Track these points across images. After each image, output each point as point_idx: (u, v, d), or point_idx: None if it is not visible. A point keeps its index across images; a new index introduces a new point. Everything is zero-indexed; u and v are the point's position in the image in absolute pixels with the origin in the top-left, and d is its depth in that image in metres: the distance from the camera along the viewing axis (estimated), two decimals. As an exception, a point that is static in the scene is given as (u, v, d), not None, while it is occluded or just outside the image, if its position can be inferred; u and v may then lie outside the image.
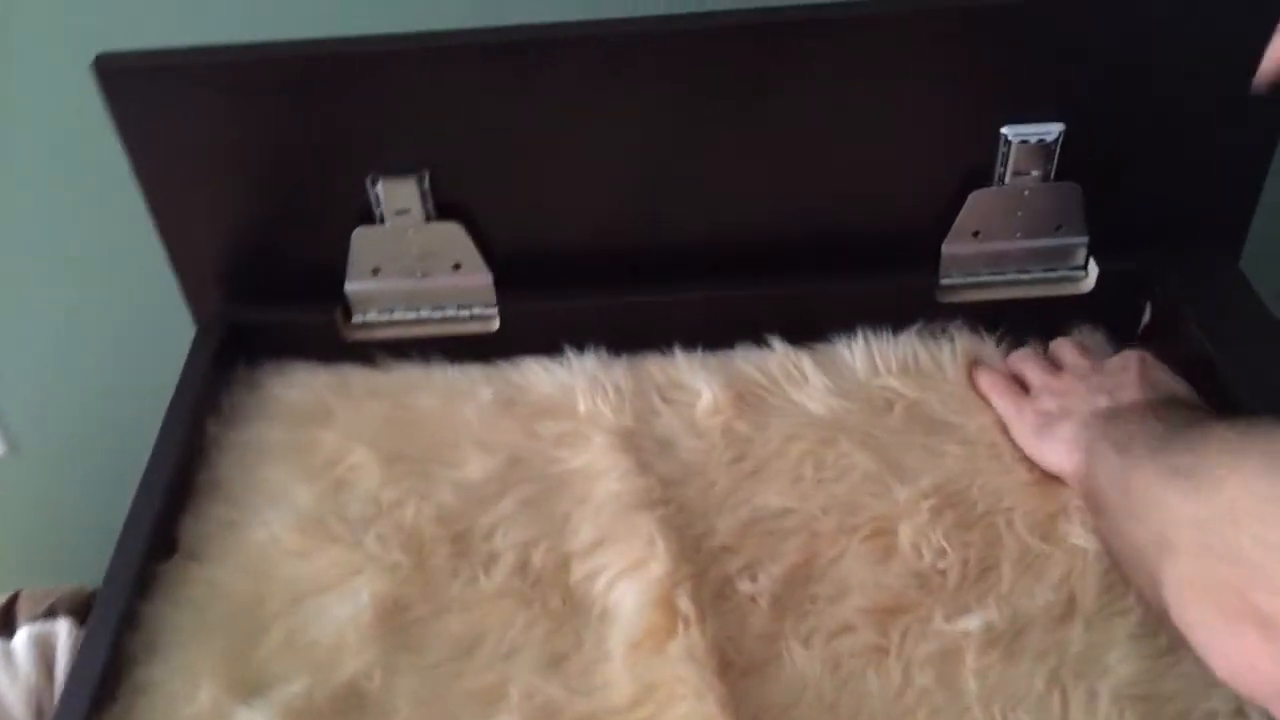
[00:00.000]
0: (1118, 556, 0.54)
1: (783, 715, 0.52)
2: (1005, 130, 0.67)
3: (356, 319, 0.72)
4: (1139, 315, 0.71)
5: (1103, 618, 0.55)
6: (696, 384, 0.68)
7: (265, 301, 0.72)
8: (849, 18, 0.63)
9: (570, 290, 0.71)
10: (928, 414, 0.66)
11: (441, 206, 0.69)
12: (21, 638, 0.76)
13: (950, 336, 0.71)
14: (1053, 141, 0.67)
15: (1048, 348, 0.69)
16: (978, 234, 0.70)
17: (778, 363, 0.70)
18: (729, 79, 0.65)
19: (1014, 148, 0.67)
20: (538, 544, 0.60)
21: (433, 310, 0.72)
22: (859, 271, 0.71)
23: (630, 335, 0.72)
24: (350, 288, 0.72)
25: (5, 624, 0.80)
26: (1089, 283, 0.71)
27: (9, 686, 0.73)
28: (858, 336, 0.71)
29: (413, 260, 0.71)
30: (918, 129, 0.68)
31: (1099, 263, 0.70)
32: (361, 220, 0.70)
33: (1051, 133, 0.67)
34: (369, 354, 0.72)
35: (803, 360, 0.69)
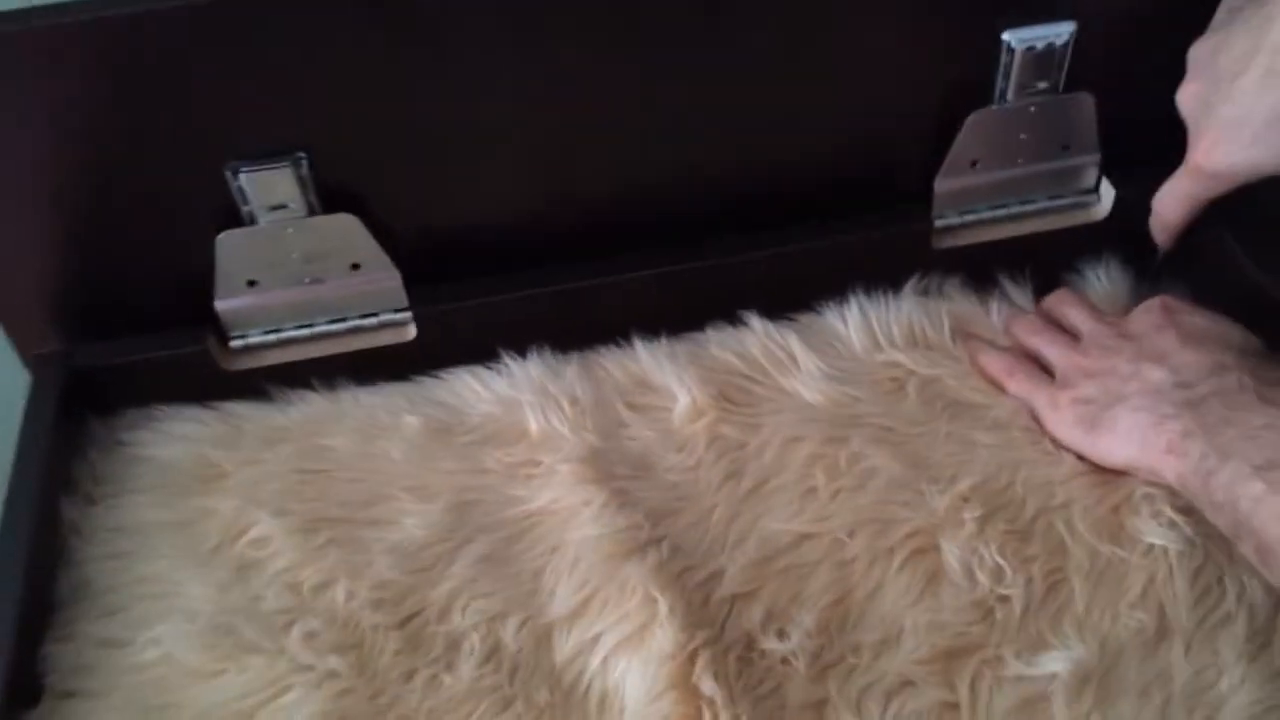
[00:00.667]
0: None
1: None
2: (1007, 36, 0.55)
3: (235, 343, 0.58)
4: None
5: (1204, 633, 0.46)
6: (667, 382, 0.57)
7: (115, 333, 0.57)
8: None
9: (498, 281, 0.58)
10: (946, 394, 0.56)
11: (328, 196, 0.55)
12: None
13: (948, 295, 0.60)
14: (1063, 45, 0.56)
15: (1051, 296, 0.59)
16: (976, 164, 0.59)
17: (759, 345, 0.58)
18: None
19: (1018, 56, 0.56)
20: (507, 617, 0.49)
21: (331, 323, 0.59)
22: (841, 222, 0.60)
23: (578, 328, 0.59)
24: (222, 306, 0.57)
25: None
26: (1103, 208, 0.61)
27: None
28: (850, 303, 0.60)
29: (298, 265, 0.57)
30: (901, 43, 0.56)
31: (1113, 184, 0.60)
32: (226, 222, 0.55)
33: (1062, 34, 0.55)
34: (258, 387, 0.58)
35: (789, 338, 0.58)
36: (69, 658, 0.47)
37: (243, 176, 0.53)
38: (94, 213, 0.55)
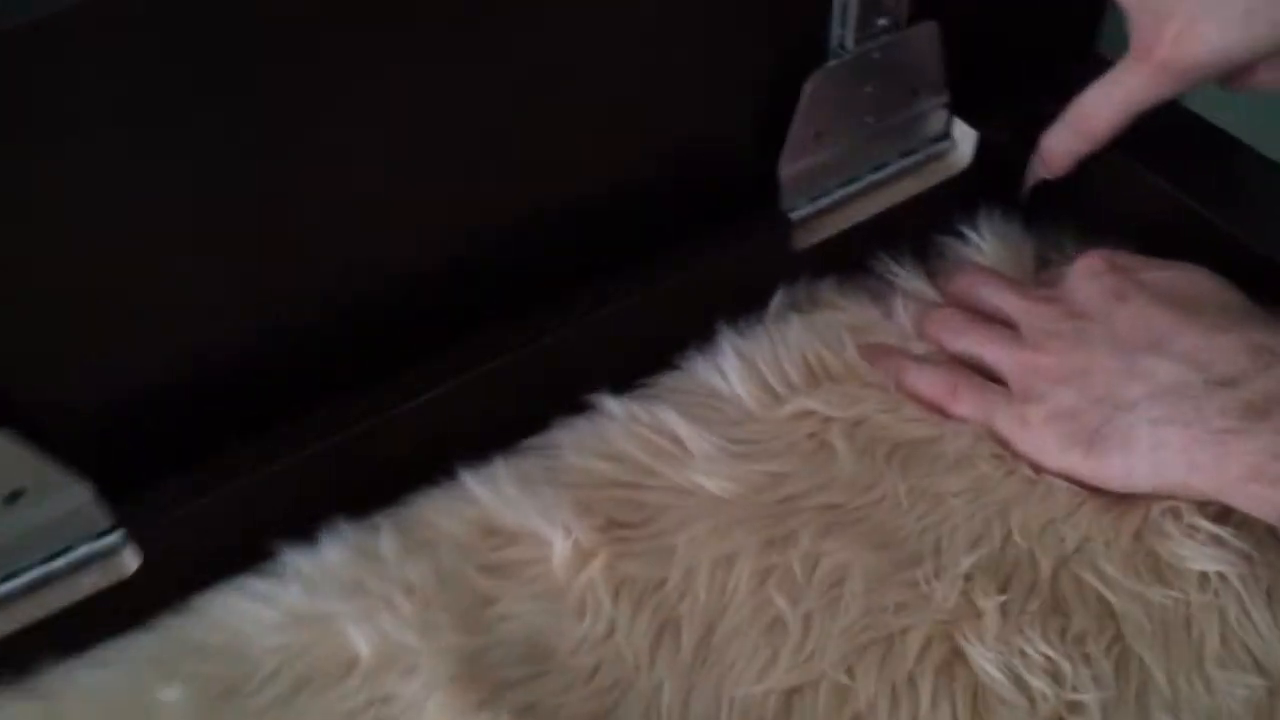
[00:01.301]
0: None
1: None
2: (843, -28, 0.43)
3: None
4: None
5: (1314, 677, 0.37)
6: (528, 521, 0.40)
7: None
8: None
9: (243, 451, 0.40)
10: (883, 436, 0.43)
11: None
12: None
13: (831, 304, 0.48)
14: (906, -29, 0.44)
15: (950, 282, 0.48)
16: (820, 135, 0.47)
17: (627, 435, 0.43)
18: None
19: (859, -6, 0.43)
20: None
21: (8, 578, 0.38)
22: (678, 252, 0.45)
23: (376, 478, 0.42)
24: None
25: None
26: (964, 153, 0.50)
27: None
28: (718, 346, 0.46)
29: (-85, 512, 0.35)
30: (713, 7, 0.42)
31: (973, 125, 0.50)
32: None
33: (903, -42, 0.44)
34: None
35: (661, 415, 0.43)
36: None
37: None
38: None
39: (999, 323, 0.45)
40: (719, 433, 0.43)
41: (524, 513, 0.41)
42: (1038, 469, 0.41)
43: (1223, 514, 0.40)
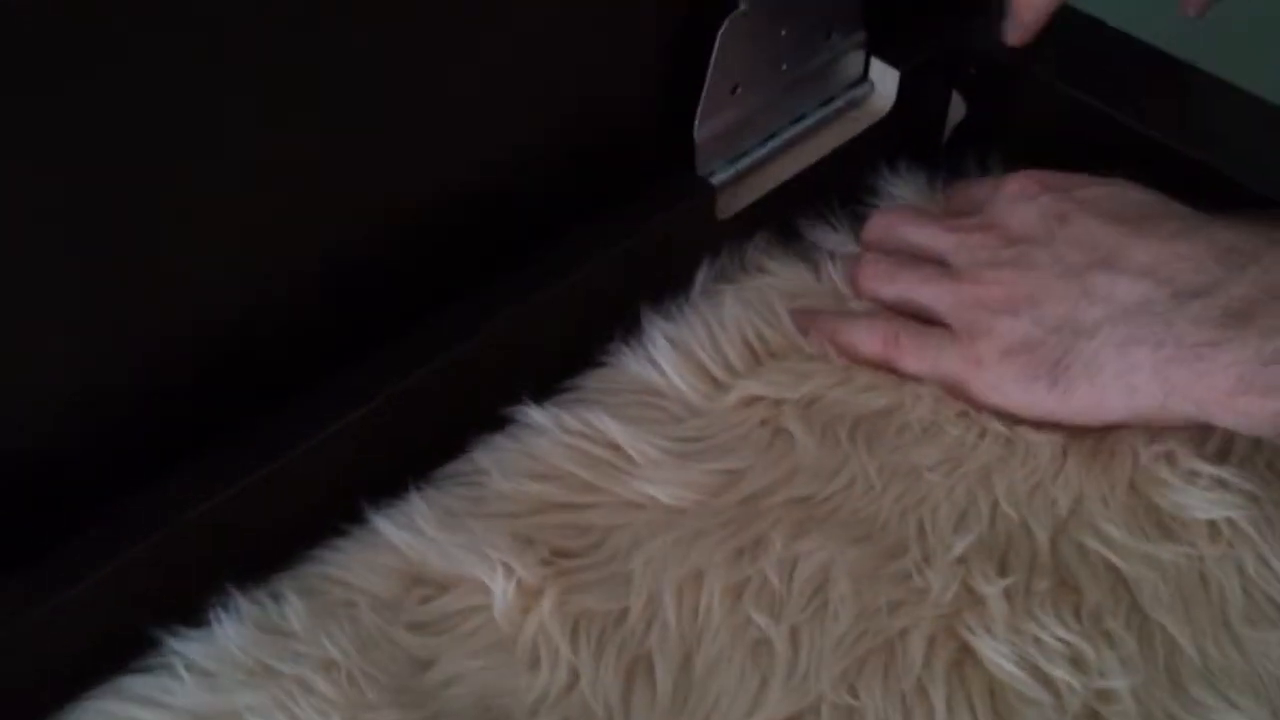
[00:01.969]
0: None
1: None
2: (745, -100, 0.38)
3: None
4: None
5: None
6: (459, 564, 0.35)
7: None
8: None
9: (104, 526, 0.33)
10: (840, 413, 0.39)
11: None
12: None
13: (761, 271, 0.43)
14: (813, -106, 0.39)
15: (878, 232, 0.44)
16: (737, 89, 0.42)
17: (559, 448, 0.37)
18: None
19: (764, -74, 0.39)
20: None
21: None
22: (591, 236, 0.40)
23: (274, 532, 0.35)
24: None
25: None
26: (886, 95, 0.46)
27: None
28: (647, 334, 0.41)
29: None
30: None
31: (892, 64, 0.46)
32: None
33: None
34: None
35: (595, 420, 0.38)
36: None
37: None
38: None
39: (929, 261, 0.41)
40: (661, 433, 0.38)
41: (453, 555, 0.35)
42: (999, 410, 0.38)
43: (1222, 452, 0.36)
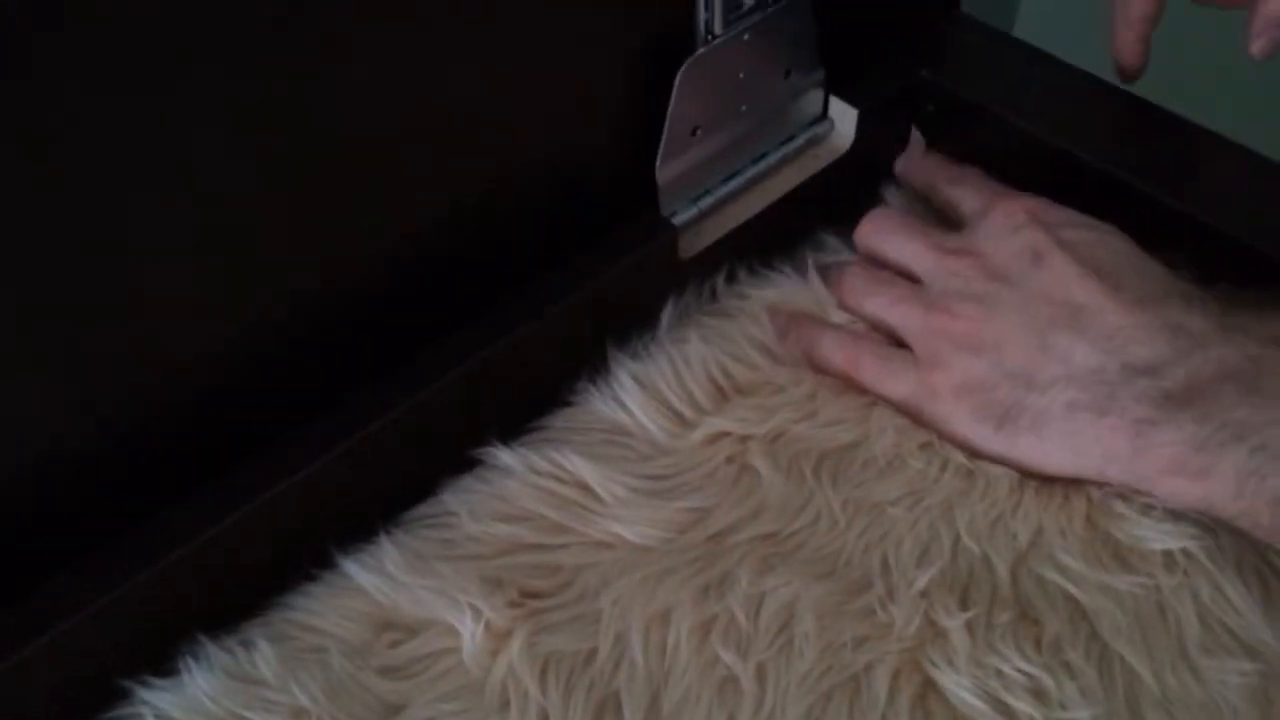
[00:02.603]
0: None
1: None
2: (700, -52, 0.39)
3: None
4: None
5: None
6: (428, 608, 0.35)
7: None
8: None
9: (69, 578, 0.33)
10: (805, 449, 0.39)
11: None
12: None
13: (732, 311, 0.43)
14: (767, -59, 0.40)
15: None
16: (697, 130, 0.43)
17: (527, 490, 0.38)
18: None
19: (720, -28, 0.39)
20: None
21: None
22: (554, 282, 0.40)
23: (239, 582, 0.36)
24: None
25: None
26: (846, 134, 0.47)
27: None
28: (613, 375, 0.41)
29: None
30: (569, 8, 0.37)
31: (851, 102, 0.46)
32: None
33: (760, -72, 0.40)
34: None
35: (564, 459, 0.38)
36: None
37: None
38: None
39: (906, 278, 0.41)
40: (629, 471, 0.38)
41: (422, 599, 0.35)
42: (949, 438, 0.38)
43: (1176, 486, 0.37)
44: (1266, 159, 0.43)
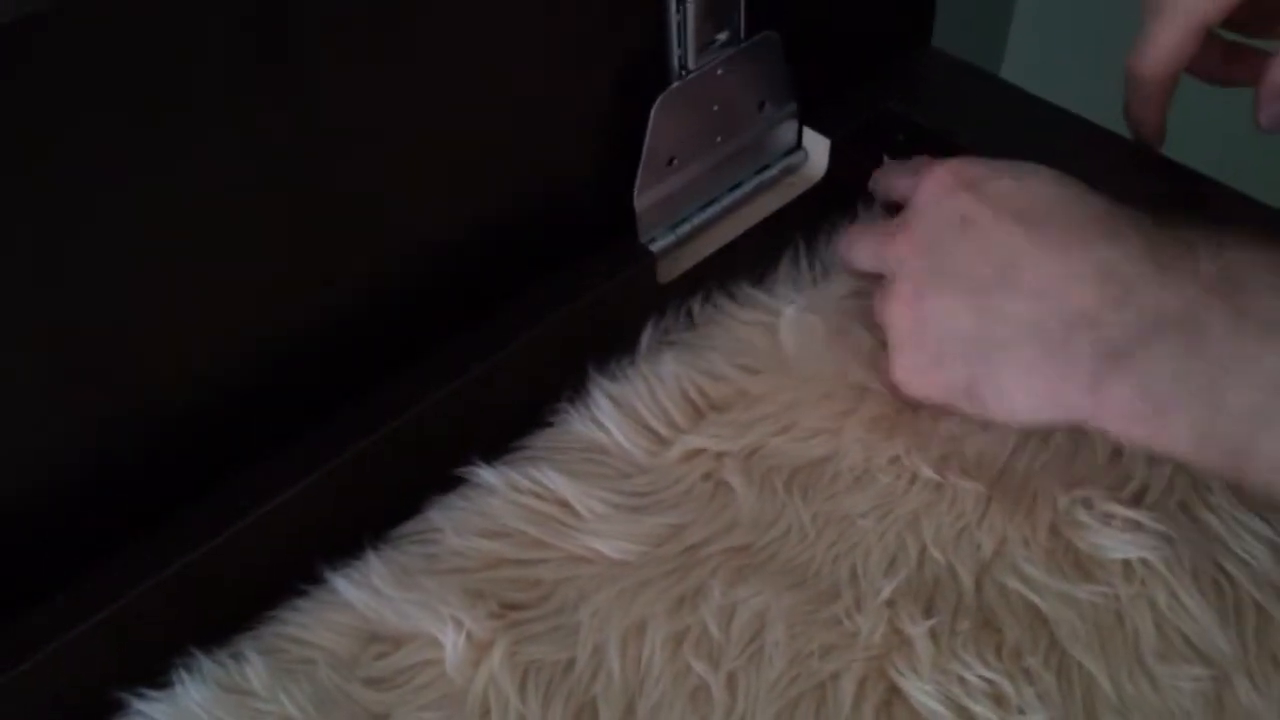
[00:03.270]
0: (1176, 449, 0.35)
1: None
2: (672, -12, 0.41)
3: None
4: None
5: (1258, 649, 0.35)
6: (411, 621, 0.36)
7: None
8: None
9: (63, 595, 0.34)
10: (777, 464, 0.40)
11: None
12: None
13: (707, 330, 0.45)
14: (736, -19, 0.42)
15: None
16: (673, 160, 0.44)
17: (511, 508, 0.39)
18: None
19: (691, 7, 0.41)
20: None
21: None
22: (534, 306, 0.42)
23: (231, 597, 0.37)
24: None
25: None
26: (819, 164, 0.49)
27: None
28: (592, 396, 0.42)
29: None
30: (544, 41, 0.39)
31: (824, 132, 0.48)
32: None
33: (730, -30, 0.42)
34: None
35: (545, 478, 0.40)
36: None
37: None
38: None
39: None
40: (607, 488, 0.40)
41: (406, 611, 0.37)
42: (898, 446, 0.40)
43: (1136, 496, 0.38)
44: (1230, 188, 0.44)
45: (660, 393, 0.42)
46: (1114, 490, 0.38)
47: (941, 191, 0.40)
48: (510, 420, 0.42)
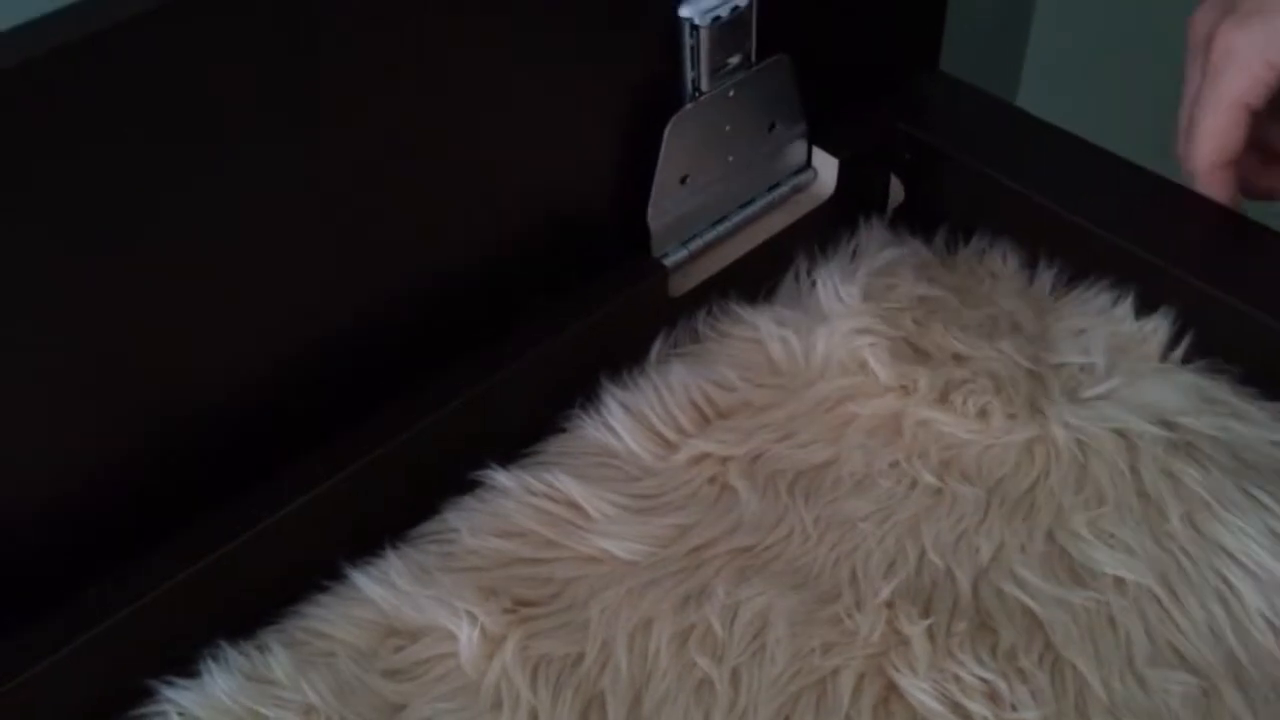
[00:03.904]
0: None
1: None
2: (685, 12, 0.42)
3: None
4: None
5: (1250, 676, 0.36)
6: (428, 615, 0.38)
7: None
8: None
9: (100, 586, 0.36)
10: (782, 468, 0.42)
11: None
12: None
13: (715, 340, 0.47)
14: (747, 5, 0.44)
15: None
16: (686, 179, 0.46)
17: (524, 509, 0.41)
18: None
19: (704, 33, 0.43)
20: None
21: None
22: (550, 317, 0.44)
23: (257, 592, 0.39)
24: None
25: None
26: (828, 182, 0.50)
27: None
28: (604, 403, 0.44)
29: None
30: (562, 62, 0.41)
31: (831, 152, 0.50)
32: None
33: (742, -4, 0.43)
34: None
35: (557, 482, 0.41)
36: None
37: None
38: None
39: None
40: (617, 491, 0.41)
41: (423, 606, 0.38)
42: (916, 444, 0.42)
43: (1135, 515, 0.39)
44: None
45: (669, 400, 0.44)
46: (1115, 512, 0.39)
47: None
48: (525, 426, 0.44)
